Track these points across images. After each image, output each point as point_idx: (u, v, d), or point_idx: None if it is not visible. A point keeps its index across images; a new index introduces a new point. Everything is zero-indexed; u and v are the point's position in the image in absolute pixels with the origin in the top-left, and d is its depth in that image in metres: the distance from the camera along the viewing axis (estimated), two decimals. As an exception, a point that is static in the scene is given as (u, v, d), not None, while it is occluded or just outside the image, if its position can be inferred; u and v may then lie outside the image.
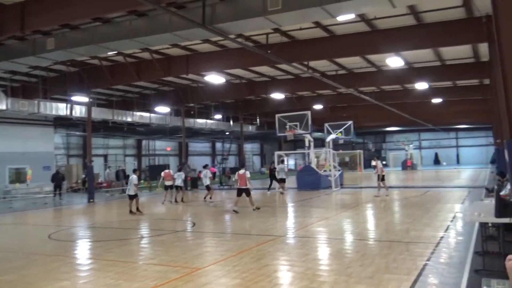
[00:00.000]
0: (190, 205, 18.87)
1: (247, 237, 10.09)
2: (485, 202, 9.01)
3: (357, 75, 22.99)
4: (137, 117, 28.08)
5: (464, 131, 58.82)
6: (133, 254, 8.66)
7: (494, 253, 6.99)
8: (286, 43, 16.49)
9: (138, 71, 19.80)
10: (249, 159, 58.51)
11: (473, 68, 20.78)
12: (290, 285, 6.33)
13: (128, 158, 41.07)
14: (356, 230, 10.94)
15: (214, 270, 7.06)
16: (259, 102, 32.64)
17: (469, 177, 30.46)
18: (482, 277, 5.92)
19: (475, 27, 13.46)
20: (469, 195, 17.56)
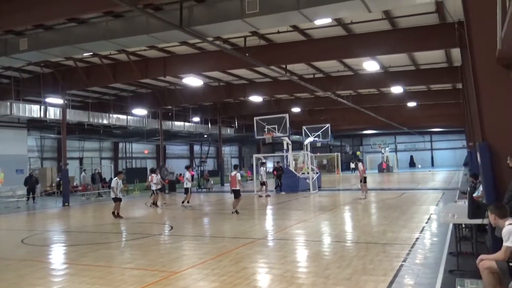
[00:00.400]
0: (169, 208, 18.69)
1: (225, 240, 10.05)
2: (458, 203, 9.23)
3: (334, 79, 23.25)
4: (113, 120, 27.68)
5: (438, 134, 60.19)
6: (110, 258, 8.51)
7: (467, 253, 7.16)
8: (264, 46, 16.55)
9: (114, 73, 19.52)
10: (228, 162, 58.37)
11: (446, 73, 21.29)
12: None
13: (104, 161, 40.43)
14: (334, 232, 11.04)
15: (192, 274, 7.01)
16: (238, 105, 32.63)
17: (443, 180, 31.14)
18: (456, 277, 6.07)
19: (448, 33, 13.79)
20: (443, 197, 17.95)
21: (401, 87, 23.80)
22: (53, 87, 20.91)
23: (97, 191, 26.56)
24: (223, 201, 21.71)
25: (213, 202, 20.88)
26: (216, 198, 23.04)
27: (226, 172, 52.95)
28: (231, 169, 16.40)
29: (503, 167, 6.34)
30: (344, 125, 44.33)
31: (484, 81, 6.78)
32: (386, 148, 52.92)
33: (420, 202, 16.79)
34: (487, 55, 6.50)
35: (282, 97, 30.73)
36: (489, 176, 6.70)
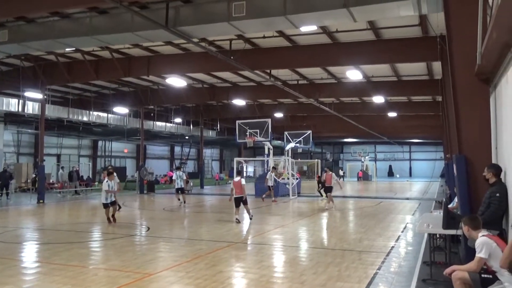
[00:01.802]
0: (146, 209, 18.47)
1: (202, 243, 9.97)
2: (434, 214, 9.38)
3: (318, 86, 23.42)
4: (94, 117, 27.27)
5: (417, 145, 61.24)
6: (83, 258, 8.35)
7: (441, 263, 7.27)
8: (249, 50, 16.56)
9: (96, 70, 19.25)
10: (208, 164, 58.14)
11: (427, 85, 21.65)
12: (244, 292, 6.30)
13: (83, 159, 39.80)
14: (311, 238, 11.07)
15: (166, 276, 6.93)
16: (220, 107, 32.55)
17: (420, 190, 31.63)
18: (429, 287, 6.15)
19: (430, 46, 14.02)
20: (419, 207, 18.21)
21: (382, 97, 24.12)
22: (32, 81, 20.48)
23: (74, 188, 26.10)
24: (202, 204, 21.59)
25: (191, 204, 20.73)
26: (195, 200, 22.90)
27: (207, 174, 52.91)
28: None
29: (478, 179, 6.46)
30: (325, 132, 44.65)
31: (463, 94, 6.92)
32: (366, 156, 53.53)
33: (397, 211, 17.00)
34: (467, 70, 6.64)
35: (265, 102, 30.79)
36: (464, 187, 6.82)
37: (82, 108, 26.98)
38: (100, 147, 42.69)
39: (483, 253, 4.54)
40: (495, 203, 5.69)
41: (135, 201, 22.62)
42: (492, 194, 5.79)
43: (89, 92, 26.73)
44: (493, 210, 5.69)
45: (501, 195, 5.70)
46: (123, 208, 18.33)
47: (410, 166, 62.95)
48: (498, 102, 6.24)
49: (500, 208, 5.70)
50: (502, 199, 5.69)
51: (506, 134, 5.69)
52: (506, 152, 5.78)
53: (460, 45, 6.88)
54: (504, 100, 5.74)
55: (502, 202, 5.68)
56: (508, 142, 5.60)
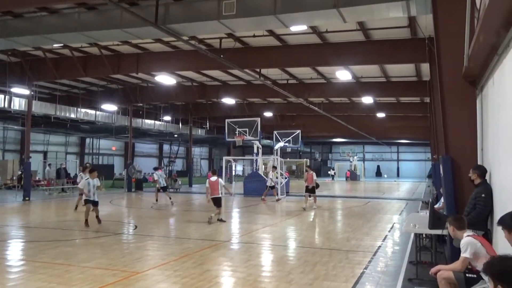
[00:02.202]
0: (134, 207, 18.36)
1: (190, 242, 9.95)
2: (420, 214, 9.47)
3: (307, 86, 23.49)
4: (81, 114, 27.01)
5: (404, 146, 61.77)
6: (69, 256, 8.26)
7: (427, 263, 7.34)
8: (239, 49, 16.55)
9: (85, 66, 19.07)
10: (197, 163, 57.98)
11: (415, 86, 21.86)
12: (231, 291, 6.30)
13: (70, 156, 39.40)
14: (299, 237, 11.11)
15: (154, 275, 6.89)
16: (210, 106, 32.46)
17: (407, 190, 31.91)
18: (414, 286, 6.22)
19: (418, 48, 14.17)
20: (406, 207, 18.38)
21: (371, 97, 24.28)
22: (19, 77, 20.21)
23: (61, 186, 25.82)
24: (190, 202, 21.52)
25: (180, 203, 20.64)
26: (184, 199, 22.81)
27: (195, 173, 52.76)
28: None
29: (464, 180, 6.54)
30: (314, 132, 44.78)
31: (450, 96, 7.00)
32: (355, 156, 53.84)
33: (384, 211, 17.13)
34: (454, 71, 6.72)
35: (254, 101, 30.80)
36: (450, 188, 6.90)
37: (69, 105, 26.70)
38: (88, 144, 42.30)
39: (468, 253, 4.60)
40: (480, 204, 5.77)
41: (123, 199, 22.45)
42: (477, 195, 5.86)
43: (77, 89, 26.45)
44: (479, 211, 5.77)
45: (486, 195, 5.78)
46: (111, 206, 18.20)
47: (398, 167, 63.49)
48: (484, 104, 6.32)
49: (486, 209, 5.77)
50: (487, 199, 5.77)
51: (492, 136, 5.77)
52: (491, 154, 5.86)
53: (448, 47, 6.96)
54: (490, 102, 5.82)
55: (487, 203, 5.76)
56: (493, 143, 5.68)
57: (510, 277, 2.28)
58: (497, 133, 5.34)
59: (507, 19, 3.91)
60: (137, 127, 32.29)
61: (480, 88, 6.65)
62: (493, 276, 2.34)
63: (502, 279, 2.29)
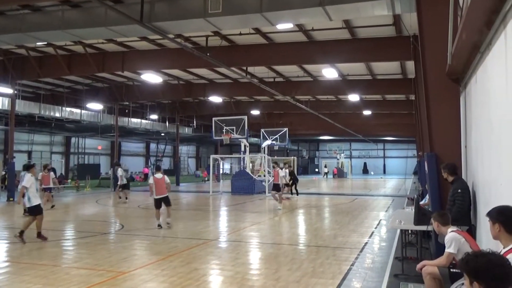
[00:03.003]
0: (121, 206, 18.22)
1: (177, 241, 9.91)
2: (406, 210, 9.57)
3: (294, 84, 23.54)
4: (66, 113, 26.71)
5: (390, 143, 62.35)
6: (54, 257, 8.17)
7: (412, 258, 7.43)
8: (225, 47, 16.51)
9: (69, 65, 18.82)
10: (185, 161, 57.75)
11: (401, 84, 22.05)
12: (219, 290, 6.30)
13: (55, 156, 38.95)
14: (287, 235, 11.15)
15: (141, 274, 6.85)
16: (197, 104, 32.34)
17: (393, 187, 32.24)
18: (400, 281, 6.29)
19: (403, 46, 14.28)
20: (392, 203, 18.57)
21: (357, 95, 24.43)
22: (2, 75, 19.88)
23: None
24: (177, 201, 21.43)
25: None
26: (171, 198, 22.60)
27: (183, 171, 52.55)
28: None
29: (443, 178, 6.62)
30: (301, 129, 44.91)
31: (434, 93, 7.08)
32: (341, 154, 54.13)
33: (371, 207, 17.28)
34: (438, 69, 6.79)
35: (241, 99, 30.75)
36: (435, 185, 6.99)
37: (54, 104, 26.38)
38: (73, 143, 41.86)
39: (452, 248, 4.66)
40: (459, 199, 5.87)
41: (109, 198, 22.27)
42: (454, 191, 5.97)
43: (61, 88, 26.12)
44: (459, 206, 5.87)
45: (463, 190, 5.90)
46: (97, 206, 18.04)
47: (384, 164, 64.07)
48: (468, 101, 6.41)
49: (464, 203, 5.88)
50: (465, 194, 5.89)
51: (475, 133, 5.85)
52: (475, 151, 5.95)
53: (432, 45, 7.03)
54: (473, 99, 5.90)
55: (465, 197, 5.88)
56: (476, 140, 5.76)
57: (485, 274, 2.28)
58: (479, 130, 5.42)
59: (489, 18, 3.97)
60: (123, 126, 32.03)
61: (463, 85, 6.74)
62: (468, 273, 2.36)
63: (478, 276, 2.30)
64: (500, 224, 3.25)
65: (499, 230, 3.27)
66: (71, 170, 40.20)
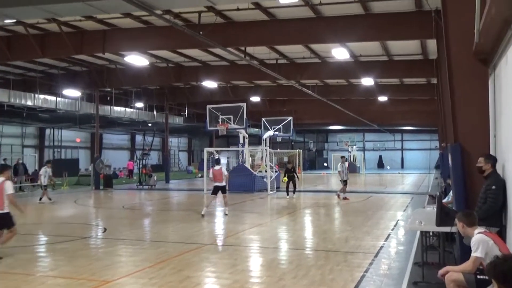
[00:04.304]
0: (103, 207, 18.29)
1: (168, 245, 9.95)
2: (427, 209, 9.61)
3: (299, 66, 23.49)
4: (40, 101, 26.69)
5: (409, 134, 62.36)
6: (29, 264, 8.21)
7: (434, 264, 7.46)
8: (221, 24, 16.44)
9: (42, 46, 18.77)
10: (175, 155, 57.81)
11: (421, 66, 22.02)
12: (215, 300, 6.34)
13: (27, 150, 38.96)
14: (292, 238, 11.19)
15: (126, 284, 6.89)
16: (188, 90, 32.30)
17: (413, 183, 32.33)
18: (420, 290, 6.32)
19: (424, 22, 14.22)
20: (412, 202, 18.63)
21: (372, 79, 24.39)
22: (-35, 58, 19.86)
23: (19, 184, 25.56)
24: (167, 201, 21.50)
25: (155, 201, 20.62)
26: (160, 197, 22.78)
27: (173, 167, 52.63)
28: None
29: (475, 171, 6.62)
30: (308, 118, 44.88)
31: (459, 76, 7.06)
32: (353, 146, 54.17)
33: (387, 206, 17.34)
34: (464, 48, 6.78)
35: (239, 84, 30.72)
36: (460, 180, 7.00)
37: (25, 90, 26.34)
38: (48, 136, 41.85)
39: (479, 252, 4.68)
40: (491, 197, 5.87)
41: (90, 198, 22.35)
42: (487, 187, 5.97)
43: (34, 72, 26.08)
44: (490, 205, 5.88)
45: (497, 187, 5.89)
46: (76, 207, 18.10)
47: (402, 157, 64.14)
48: (497, 84, 6.40)
49: (497, 202, 5.88)
50: (499, 192, 5.88)
51: (506, 120, 5.85)
52: (505, 140, 5.95)
53: (457, 21, 7.01)
54: (503, 82, 5.89)
55: (498, 196, 5.87)
56: (507, 129, 5.76)
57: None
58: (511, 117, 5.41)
59: (522, -11, 3.95)
60: (104, 115, 32.01)
61: (492, 67, 6.72)
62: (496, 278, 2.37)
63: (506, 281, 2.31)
64: None
65: None
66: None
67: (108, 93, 31.45)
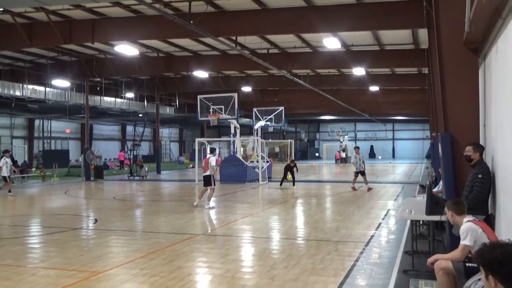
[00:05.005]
0: (94, 198, 18.25)
1: (159, 236, 9.97)
2: (417, 199, 9.68)
3: (291, 56, 23.45)
4: (28, 91, 26.42)
5: (401, 123, 62.66)
6: (19, 256, 8.19)
7: (423, 252, 7.54)
8: (212, 13, 16.33)
9: (30, 35, 18.57)
10: (166, 146, 57.68)
11: (412, 55, 22.06)
12: (206, 290, 6.37)
13: (16, 141, 38.70)
14: (283, 228, 11.24)
15: (117, 274, 6.90)
16: (179, 80, 32.16)
17: (404, 172, 32.53)
18: (410, 278, 6.38)
19: (416, 11, 14.18)
20: (402, 191, 18.77)
21: (363, 68, 24.42)
22: (-48, 48, 19.61)
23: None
24: (158, 191, 21.48)
25: (147, 192, 20.60)
26: (151, 188, 22.77)
27: (164, 157, 52.53)
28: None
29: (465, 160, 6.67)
30: (299, 108, 44.95)
31: (450, 65, 7.09)
32: (345, 136, 54.35)
33: (378, 196, 17.45)
34: (455, 38, 6.79)
35: (231, 74, 30.63)
36: (450, 169, 7.05)
37: (14, 80, 26.11)
38: (38, 127, 41.59)
39: (468, 240, 4.73)
40: (478, 186, 5.93)
41: (80, 189, 22.27)
42: (474, 176, 6.02)
43: (22, 62, 25.85)
44: (476, 193, 5.93)
45: (484, 176, 5.95)
46: (66, 198, 18.04)
47: (393, 147, 64.45)
48: (487, 74, 6.43)
49: (483, 191, 5.94)
50: (485, 180, 5.94)
51: (495, 110, 5.89)
52: (494, 130, 5.99)
53: (448, 10, 7.02)
54: (493, 71, 5.92)
55: (485, 184, 5.93)
56: (496, 118, 5.80)
57: (501, 266, 2.32)
58: (501, 106, 5.45)
59: (512, -22, 3.96)
60: (95, 105, 31.82)
61: (482, 56, 6.75)
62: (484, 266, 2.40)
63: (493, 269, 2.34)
64: None
65: None
66: (35, 157, 40.00)
67: (98, 83, 31.25)
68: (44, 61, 26.02)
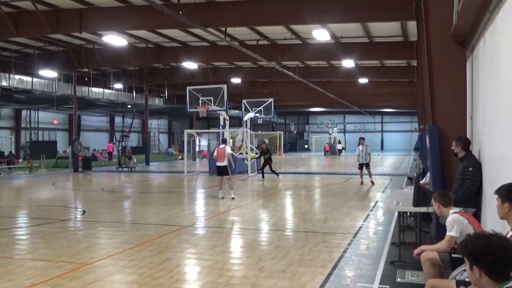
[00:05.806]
0: (82, 189, 18.14)
1: (148, 227, 9.95)
2: (405, 190, 9.76)
3: (280, 47, 23.40)
4: (15, 82, 26.12)
5: (389, 116, 62.95)
6: (5, 248, 8.13)
7: (411, 243, 7.61)
8: (201, 4, 16.21)
9: (17, 25, 18.28)
10: (155, 137, 57.44)
11: (401, 48, 22.11)
12: (195, 281, 6.38)
13: (3, 131, 38.27)
14: (272, 219, 11.29)
15: (105, 265, 6.88)
16: (168, 71, 31.97)
17: (392, 164, 32.75)
18: (397, 269, 6.46)
19: (405, 3, 14.17)
20: (390, 183, 18.91)
21: (352, 60, 24.45)
22: None
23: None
24: (147, 183, 21.42)
25: (135, 184, 20.53)
26: (140, 179, 22.68)
27: (153, 149, 52.34)
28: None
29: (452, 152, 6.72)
30: (289, 100, 44.93)
31: (438, 58, 7.12)
32: (334, 128, 54.48)
33: (366, 188, 17.56)
34: (443, 30, 6.81)
35: (220, 65, 30.51)
36: (437, 161, 7.10)
37: (0, 70, 25.72)
38: (24, 117, 41.15)
39: (454, 231, 4.78)
40: (469, 179, 5.96)
41: (68, 180, 22.14)
42: (464, 169, 6.05)
43: (8, 52, 25.47)
44: (468, 186, 5.96)
45: (474, 168, 5.99)
46: (54, 189, 17.92)
47: (382, 139, 64.78)
48: (475, 66, 6.47)
49: (475, 184, 5.98)
50: (476, 173, 5.98)
51: (482, 103, 5.93)
52: (482, 122, 6.04)
53: (436, 3, 7.03)
54: (481, 64, 5.96)
55: (476, 177, 5.97)
56: (483, 111, 5.85)
57: (485, 257, 2.34)
58: (487, 99, 5.50)
59: (500, -29, 3.97)
60: (82, 96, 31.55)
61: (470, 49, 6.79)
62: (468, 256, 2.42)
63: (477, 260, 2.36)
64: (510, 203, 3.35)
65: (508, 210, 3.37)
66: (22, 148, 39.63)
67: (86, 74, 30.94)
68: (31, 51, 25.68)
